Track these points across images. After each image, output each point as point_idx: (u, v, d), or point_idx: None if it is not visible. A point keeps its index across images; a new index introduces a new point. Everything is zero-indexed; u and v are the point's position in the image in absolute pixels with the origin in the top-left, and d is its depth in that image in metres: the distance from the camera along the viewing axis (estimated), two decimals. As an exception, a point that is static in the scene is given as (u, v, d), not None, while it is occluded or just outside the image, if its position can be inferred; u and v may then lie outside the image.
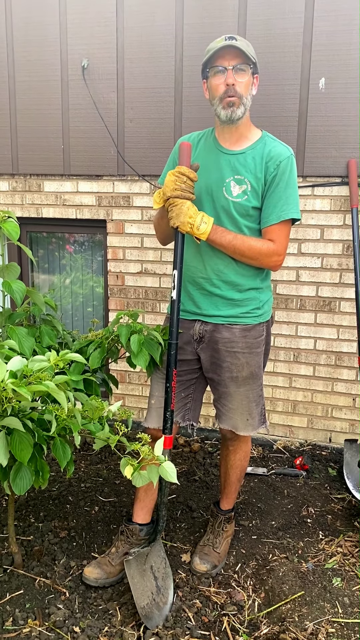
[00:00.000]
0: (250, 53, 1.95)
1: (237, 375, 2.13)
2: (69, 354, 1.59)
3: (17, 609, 2.07)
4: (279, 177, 1.98)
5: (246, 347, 2.11)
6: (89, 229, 3.57)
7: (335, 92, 2.93)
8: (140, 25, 3.14)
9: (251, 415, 2.20)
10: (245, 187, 2.01)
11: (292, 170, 2.01)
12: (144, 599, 2.02)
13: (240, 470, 2.37)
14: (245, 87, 1.96)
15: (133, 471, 1.63)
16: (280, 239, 2.02)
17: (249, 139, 2.06)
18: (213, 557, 2.32)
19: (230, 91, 1.93)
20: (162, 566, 2.15)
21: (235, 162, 2.03)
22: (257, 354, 2.15)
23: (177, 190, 1.92)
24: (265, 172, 1.99)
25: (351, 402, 3.21)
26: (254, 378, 2.17)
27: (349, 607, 2.09)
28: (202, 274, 2.10)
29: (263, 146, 2.03)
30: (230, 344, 2.10)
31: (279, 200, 1.99)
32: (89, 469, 3.11)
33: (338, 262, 3.09)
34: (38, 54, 3.34)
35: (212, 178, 2.04)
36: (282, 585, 2.20)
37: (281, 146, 2.03)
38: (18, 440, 1.62)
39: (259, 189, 2.01)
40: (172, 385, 2.02)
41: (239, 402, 2.17)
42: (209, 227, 1.94)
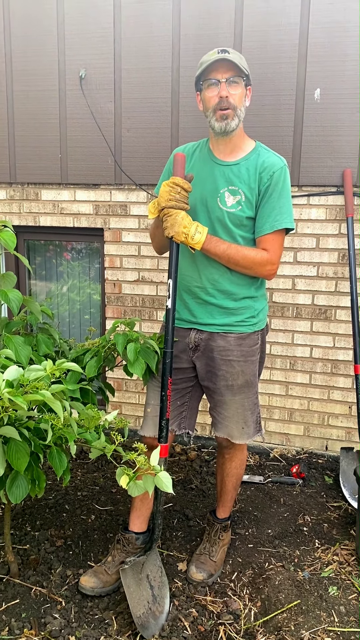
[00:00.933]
0: (243, 65, 1.97)
1: (233, 384, 2.14)
2: (65, 363, 1.60)
3: (13, 618, 2.06)
4: (273, 187, 2.01)
5: (241, 356, 2.13)
6: (86, 237, 3.59)
7: (331, 103, 2.95)
8: (137, 36, 3.17)
9: (246, 424, 2.21)
10: (239, 198, 2.03)
11: (286, 180, 2.04)
12: (140, 608, 2.02)
13: (236, 479, 2.38)
14: (238, 99, 1.98)
15: (129, 481, 1.63)
16: (274, 249, 2.05)
17: (242, 150, 2.08)
18: (209, 565, 2.32)
19: (224, 103, 1.95)
20: (158, 575, 2.15)
21: (229, 173, 2.06)
22: (252, 362, 2.17)
23: (172, 200, 1.95)
24: (259, 182, 2.01)
25: (347, 410, 3.21)
26: (249, 386, 2.18)
27: (345, 616, 2.09)
28: (197, 283, 2.12)
29: (257, 157, 2.05)
30: (226, 352, 2.11)
31: (273, 210, 2.02)
32: (85, 477, 3.10)
33: (334, 271, 3.11)
34: (36, 64, 3.37)
35: (207, 189, 2.07)
36: (279, 594, 2.20)
37: (274, 157, 2.05)
38: (14, 449, 1.63)
39: (253, 200, 2.03)
40: (167, 393, 2.03)
41: (234, 410, 2.18)
42: (203, 236, 1.97)
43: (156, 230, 2.17)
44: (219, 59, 1.93)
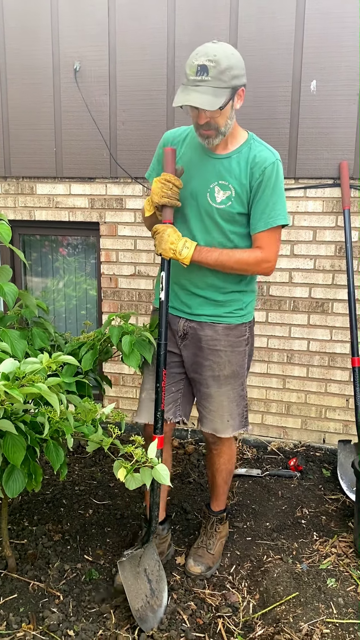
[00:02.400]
0: (222, 86, 1.84)
1: (219, 374, 2.15)
2: (61, 356, 1.59)
3: (11, 613, 2.05)
4: (265, 183, 1.97)
5: (228, 346, 2.13)
6: (82, 231, 3.57)
7: (327, 94, 2.94)
8: (132, 28, 3.15)
9: (231, 416, 2.19)
10: (229, 193, 2.01)
11: (278, 175, 2.00)
12: (138, 602, 2.01)
13: (226, 473, 2.36)
14: (221, 118, 1.91)
15: (126, 473, 1.62)
16: (269, 246, 2.03)
17: (234, 143, 2.04)
18: (207, 558, 2.32)
19: (205, 127, 1.92)
20: (156, 569, 2.15)
21: (220, 166, 2.02)
22: (239, 352, 2.16)
23: (164, 197, 1.96)
24: (251, 178, 1.98)
25: (345, 403, 3.21)
26: (236, 377, 2.18)
27: (343, 608, 2.09)
28: (187, 277, 2.12)
29: (248, 150, 2.01)
30: (213, 342, 2.12)
31: (266, 207, 1.99)
32: (83, 472, 3.10)
33: (330, 264, 3.10)
34: (30, 57, 3.34)
35: (197, 182, 2.04)
36: (277, 587, 2.20)
37: (267, 151, 2.01)
38: (10, 442, 1.62)
39: (244, 195, 2.00)
40: (162, 385, 2.03)
41: (219, 402, 2.17)
42: (191, 251, 1.97)
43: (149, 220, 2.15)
44: (185, 104, 1.84)
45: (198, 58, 1.85)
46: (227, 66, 1.84)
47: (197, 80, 1.84)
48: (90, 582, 2.24)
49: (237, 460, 3.21)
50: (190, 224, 2.08)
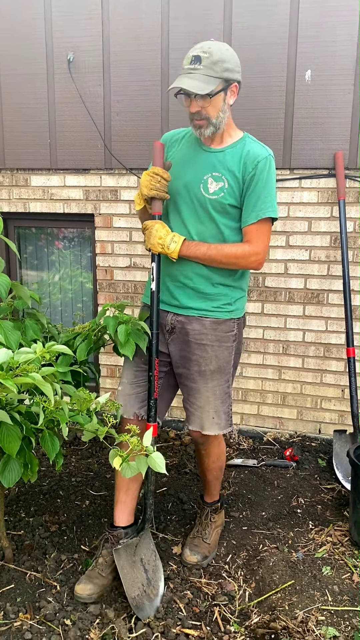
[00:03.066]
0: (214, 76, 1.91)
1: (205, 369, 2.14)
2: (55, 346, 1.59)
3: (8, 602, 2.06)
4: (257, 177, 2.00)
5: (215, 340, 2.13)
6: (77, 223, 3.56)
7: (322, 84, 2.93)
8: (126, 18, 3.13)
9: (217, 414, 2.17)
10: (222, 185, 2.04)
11: (270, 170, 2.03)
12: (135, 590, 2.02)
13: (216, 471, 2.37)
14: (212, 108, 1.97)
15: (121, 462, 1.63)
16: (258, 239, 2.05)
17: (229, 139, 2.09)
18: (203, 548, 2.33)
19: (196, 116, 1.99)
20: (152, 559, 2.16)
21: (214, 159, 2.06)
22: (227, 348, 2.16)
23: (153, 190, 2.02)
24: (244, 171, 2.02)
25: (340, 393, 3.22)
26: (222, 373, 2.16)
27: (338, 595, 2.11)
28: (177, 268, 2.13)
29: (243, 146, 2.06)
30: (200, 336, 2.12)
31: (258, 200, 2.02)
32: (79, 463, 3.10)
33: (326, 254, 3.10)
34: (23, 48, 3.32)
35: (191, 175, 2.08)
36: (273, 575, 2.22)
37: (260, 147, 2.06)
38: (6, 433, 1.62)
39: (236, 188, 2.03)
40: (154, 374, 2.06)
41: (205, 399, 2.16)
42: (178, 245, 2.02)
43: (142, 216, 2.21)
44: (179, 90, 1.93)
45: (194, 50, 1.95)
46: (219, 58, 1.92)
47: (190, 69, 1.93)
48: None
49: (233, 451, 3.22)
50: (183, 215, 2.10)
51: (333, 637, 1.91)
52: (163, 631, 1.95)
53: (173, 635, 1.94)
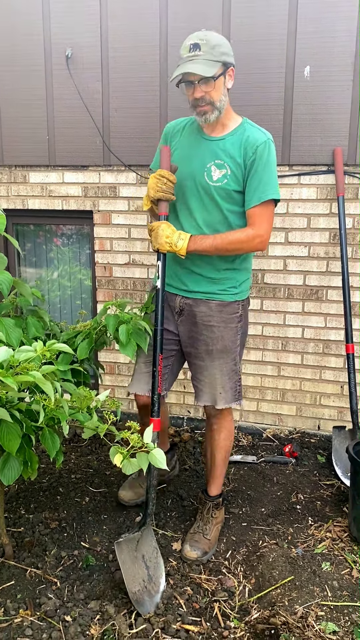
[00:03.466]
0: (214, 60, 2.01)
1: (212, 349, 2.26)
2: (55, 344, 1.59)
3: (9, 599, 2.07)
4: (258, 161, 2.08)
5: (222, 322, 2.24)
6: (75, 220, 3.55)
7: (321, 80, 2.92)
8: (124, 14, 3.12)
9: (224, 389, 2.29)
10: (225, 172, 2.12)
11: (270, 153, 2.11)
12: (136, 585, 2.03)
13: (224, 451, 2.43)
14: (215, 92, 2.05)
15: (122, 459, 1.63)
16: (261, 221, 2.12)
17: (229, 126, 2.16)
18: (203, 544, 2.34)
19: (200, 102, 2.06)
20: (154, 556, 2.17)
21: (215, 147, 2.15)
22: (232, 328, 2.27)
23: (159, 191, 2.10)
24: (245, 156, 2.10)
25: (339, 389, 3.23)
26: (228, 352, 2.28)
27: (338, 591, 2.12)
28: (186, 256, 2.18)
29: (242, 132, 2.13)
30: (207, 318, 2.24)
31: (259, 183, 2.09)
32: (79, 460, 3.11)
33: (325, 251, 3.10)
34: (21, 44, 3.30)
35: (194, 164, 2.17)
36: (272, 571, 2.23)
37: (259, 132, 2.13)
38: (6, 430, 1.62)
39: (239, 173, 2.11)
40: (158, 370, 2.10)
41: (212, 376, 2.29)
42: (185, 242, 2.10)
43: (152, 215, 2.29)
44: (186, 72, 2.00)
45: (190, 39, 2.04)
46: (216, 43, 2.03)
47: (190, 56, 2.02)
48: (87, 568, 2.25)
49: (232, 447, 3.23)
50: (189, 204, 2.19)
51: (333, 632, 1.92)
52: (163, 627, 1.96)
53: (173, 630, 1.95)
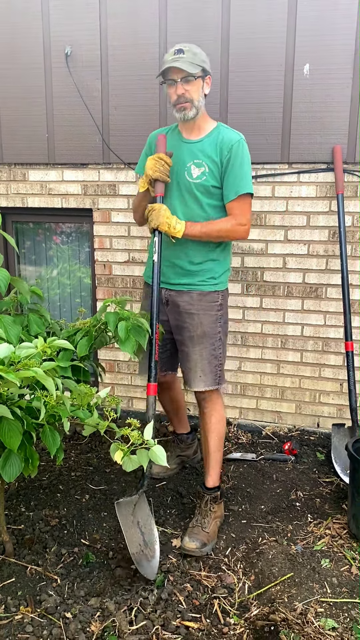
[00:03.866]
0: (196, 63, 2.27)
1: (194, 335, 2.46)
2: (56, 341, 1.59)
3: (9, 596, 2.08)
4: (233, 158, 2.31)
5: (201, 309, 2.45)
6: (75, 218, 3.55)
7: (320, 78, 2.93)
8: (123, 11, 3.11)
9: (204, 372, 2.47)
10: (203, 169, 2.36)
11: (244, 151, 2.34)
12: (134, 547, 2.13)
13: (218, 437, 2.53)
14: (194, 92, 2.30)
15: (123, 455, 1.64)
16: (241, 211, 2.36)
17: (205, 130, 2.41)
18: (202, 536, 2.37)
19: (181, 99, 2.30)
20: (148, 522, 2.26)
21: (194, 148, 2.39)
22: (211, 315, 2.46)
23: (157, 172, 2.32)
24: (220, 155, 2.33)
25: (338, 387, 3.24)
26: (207, 337, 2.46)
27: (337, 587, 2.13)
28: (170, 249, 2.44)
29: (217, 134, 2.37)
30: (189, 307, 2.46)
31: (235, 179, 2.32)
32: (79, 458, 3.11)
33: (324, 249, 3.11)
34: (20, 42, 3.30)
35: (176, 164, 2.39)
36: (272, 568, 2.23)
37: (233, 133, 2.37)
38: (7, 427, 1.63)
39: (216, 170, 2.34)
40: (155, 337, 2.30)
41: (194, 361, 2.48)
42: (183, 226, 2.33)
43: (141, 203, 2.49)
44: (172, 67, 2.25)
45: (174, 47, 2.30)
46: (198, 52, 2.32)
47: (175, 58, 2.26)
48: (87, 565, 2.26)
49: (232, 445, 3.24)
50: (172, 200, 2.41)
51: (332, 628, 1.93)
52: (163, 624, 1.96)
53: (173, 627, 1.95)
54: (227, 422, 3.43)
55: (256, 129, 3.05)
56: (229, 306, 3.25)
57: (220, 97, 3.06)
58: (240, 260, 3.24)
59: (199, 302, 2.44)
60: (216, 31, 3.00)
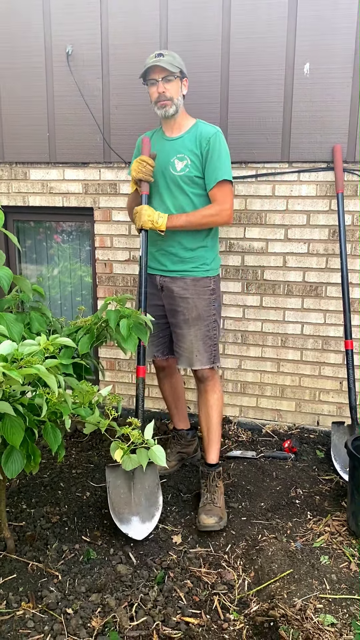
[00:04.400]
0: (175, 65, 2.49)
1: (188, 317, 2.62)
2: (59, 338, 1.60)
3: (11, 592, 2.09)
4: (212, 150, 2.51)
5: (195, 293, 2.62)
6: (76, 217, 3.56)
7: (320, 77, 2.94)
8: (124, 11, 3.13)
9: (199, 352, 2.64)
10: (186, 162, 2.55)
11: (221, 142, 2.53)
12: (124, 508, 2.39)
13: (218, 412, 2.69)
14: (174, 91, 2.52)
15: (123, 454, 1.65)
16: (223, 197, 2.54)
17: (185, 126, 2.61)
18: (216, 511, 2.51)
19: (162, 97, 2.51)
20: (155, 491, 2.47)
21: (176, 145, 2.59)
22: (205, 299, 2.63)
23: (140, 173, 2.54)
24: (200, 147, 2.53)
25: (338, 385, 3.25)
26: (201, 319, 2.63)
27: (336, 584, 2.14)
28: (162, 238, 2.61)
29: (196, 129, 2.58)
30: (183, 292, 2.62)
31: (215, 169, 2.51)
32: (80, 455, 3.13)
33: (324, 248, 3.12)
34: (21, 41, 3.31)
35: (162, 160, 2.60)
36: (272, 564, 2.25)
37: (210, 127, 2.58)
38: (9, 424, 1.64)
39: (197, 162, 2.54)
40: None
41: (189, 341, 2.64)
42: (165, 219, 2.51)
43: (132, 204, 2.72)
44: (153, 65, 2.46)
45: (154, 52, 2.52)
46: (176, 56, 2.55)
47: (156, 60, 2.48)
48: (88, 562, 2.28)
49: (232, 443, 3.25)
50: (161, 193, 2.61)
51: (331, 624, 1.95)
52: (163, 619, 1.98)
53: (173, 623, 1.97)
54: (228, 420, 3.44)
55: (256, 128, 3.06)
56: (229, 304, 3.29)
57: (220, 96, 3.07)
58: (240, 259, 3.25)
59: (193, 287, 2.61)
60: (217, 30, 3.01)
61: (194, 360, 2.65)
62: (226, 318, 3.34)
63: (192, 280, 2.62)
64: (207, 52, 3.04)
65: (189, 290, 2.62)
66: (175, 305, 2.65)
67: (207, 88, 3.06)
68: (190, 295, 2.61)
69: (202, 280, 2.63)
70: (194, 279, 2.62)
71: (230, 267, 3.27)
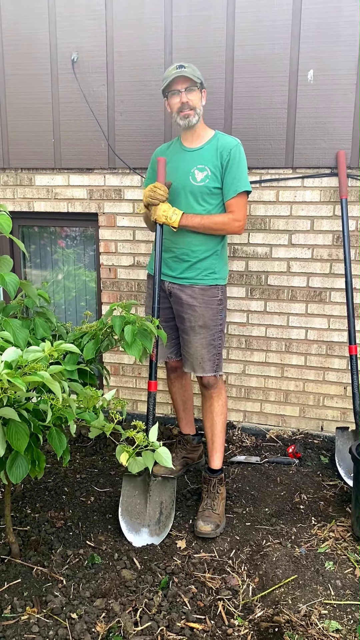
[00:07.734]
0: (196, 76, 2.52)
1: (194, 325, 2.65)
2: (63, 345, 1.61)
3: (15, 597, 2.09)
4: (232, 161, 2.54)
5: (203, 302, 2.64)
6: (80, 222, 3.58)
7: (324, 84, 2.95)
8: (129, 18, 3.15)
9: (203, 360, 2.67)
10: (206, 173, 2.57)
11: (241, 154, 2.56)
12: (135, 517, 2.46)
13: (223, 418, 2.73)
14: (196, 101, 2.55)
15: (128, 457, 1.66)
16: (238, 209, 2.57)
17: (205, 138, 2.63)
18: (214, 518, 2.51)
19: (185, 107, 2.54)
20: (170, 506, 2.50)
21: (196, 156, 2.61)
22: (211, 308, 2.65)
23: (149, 198, 2.57)
24: (221, 158, 2.55)
25: (342, 390, 3.25)
26: (207, 328, 2.65)
27: (341, 590, 2.14)
28: (173, 242, 2.66)
29: (216, 141, 2.60)
30: (191, 299, 2.65)
31: (234, 179, 2.54)
32: (84, 460, 3.13)
33: (328, 253, 3.12)
34: (27, 48, 3.34)
35: (181, 171, 2.61)
36: (276, 570, 2.25)
37: (230, 138, 2.60)
38: (14, 430, 1.65)
39: (217, 173, 2.56)
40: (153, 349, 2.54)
41: (194, 348, 2.68)
42: (179, 217, 2.54)
43: (147, 220, 2.80)
44: (177, 75, 2.49)
45: (175, 64, 2.55)
46: (195, 68, 2.58)
47: (179, 70, 2.50)
48: (92, 566, 2.28)
49: (236, 448, 3.25)
50: (179, 204, 2.62)
51: (335, 630, 1.94)
52: (168, 625, 1.98)
53: (178, 628, 1.97)
54: (232, 425, 3.44)
55: (261, 135, 3.08)
56: (233, 309, 3.30)
57: (225, 103, 3.09)
58: (244, 264, 3.26)
59: (201, 296, 2.64)
60: (221, 37, 3.03)
61: (197, 367, 2.68)
62: (230, 323, 3.34)
63: (201, 289, 2.63)
64: (211, 59, 3.06)
65: (197, 299, 2.63)
66: (183, 312, 2.67)
67: (211, 94, 3.07)
68: (198, 304, 2.63)
69: (210, 290, 2.64)
70: (202, 288, 2.63)
71: (234, 272, 3.28)
